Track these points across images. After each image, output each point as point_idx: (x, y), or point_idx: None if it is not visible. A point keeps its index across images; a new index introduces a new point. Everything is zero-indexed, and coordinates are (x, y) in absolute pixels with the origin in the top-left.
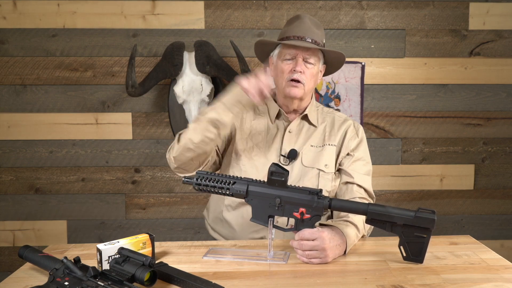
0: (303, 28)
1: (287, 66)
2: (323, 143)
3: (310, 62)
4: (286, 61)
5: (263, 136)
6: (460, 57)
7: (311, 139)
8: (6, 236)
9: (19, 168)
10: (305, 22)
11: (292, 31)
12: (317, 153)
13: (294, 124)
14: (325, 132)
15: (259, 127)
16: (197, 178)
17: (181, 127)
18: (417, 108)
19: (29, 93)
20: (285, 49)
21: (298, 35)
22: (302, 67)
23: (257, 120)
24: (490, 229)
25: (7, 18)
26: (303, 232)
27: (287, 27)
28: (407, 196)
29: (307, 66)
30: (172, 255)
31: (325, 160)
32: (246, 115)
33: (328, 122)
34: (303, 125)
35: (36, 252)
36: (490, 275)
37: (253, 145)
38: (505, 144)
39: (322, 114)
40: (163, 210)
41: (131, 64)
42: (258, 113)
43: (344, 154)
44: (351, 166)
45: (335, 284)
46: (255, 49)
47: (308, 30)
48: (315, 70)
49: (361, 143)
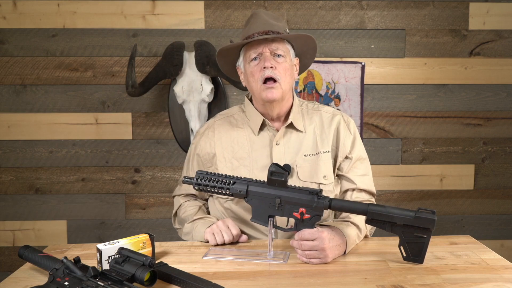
0: (261, 23)
1: (256, 67)
2: (316, 151)
3: (279, 54)
4: (253, 62)
5: (247, 153)
6: (460, 57)
7: (303, 148)
8: (6, 236)
9: (19, 168)
10: (261, 17)
11: (249, 30)
12: (313, 164)
13: (280, 135)
14: (315, 136)
15: (241, 140)
16: (197, 178)
17: (181, 127)
18: (417, 108)
19: (29, 93)
20: (249, 50)
21: (258, 31)
22: (271, 62)
23: (236, 133)
24: (490, 229)
25: (7, 18)
26: (303, 232)
27: (245, 28)
28: (407, 196)
29: (277, 60)
30: (172, 255)
31: (322, 171)
32: (222, 135)
33: (316, 122)
34: (291, 134)
35: (36, 252)
36: (490, 275)
37: (239, 165)
38: (505, 144)
39: (308, 114)
40: (163, 210)
41: (131, 64)
42: (235, 124)
43: (342, 157)
44: (350, 171)
45: (335, 284)
46: (219, 63)
47: (266, 23)
48: (288, 63)
49: (355, 140)
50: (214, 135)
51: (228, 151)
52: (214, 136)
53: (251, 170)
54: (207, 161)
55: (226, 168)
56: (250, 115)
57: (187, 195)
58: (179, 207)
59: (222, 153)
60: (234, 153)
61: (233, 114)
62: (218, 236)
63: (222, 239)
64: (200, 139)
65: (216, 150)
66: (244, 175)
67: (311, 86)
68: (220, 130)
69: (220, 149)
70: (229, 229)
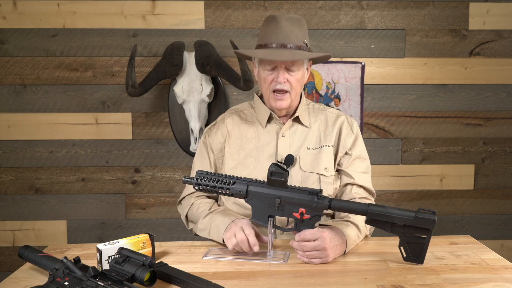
0: (281, 34)
1: (269, 77)
2: (319, 145)
3: (293, 70)
4: (268, 72)
5: (254, 144)
6: (460, 57)
7: (307, 141)
8: (6, 236)
9: (19, 168)
10: (282, 25)
11: (269, 38)
12: (315, 156)
13: (286, 127)
14: (319, 132)
15: (249, 134)
16: (197, 178)
17: (181, 127)
18: (417, 108)
19: (29, 93)
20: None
21: (277, 43)
22: (285, 76)
23: (245, 126)
24: (490, 229)
25: (7, 18)
26: (304, 233)
27: (264, 31)
28: (407, 196)
29: (291, 74)
30: (172, 255)
31: (324, 163)
32: (232, 127)
33: (321, 120)
34: (296, 128)
35: (36, 252)
36: (490, 275)
37: (245, 155)
38: (505, 144)
39: (314, 112)
40: (163, 210)
41: (131, 64)
42: (245, 118)
43: (342, 153)
44: (350, 166)
45: (335, 284)
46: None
47: (287, 35)
48: (300, 74)
49: (357, 140)
50: (225, 126)
51: (236, 142)
52: (225, 127)
53: (257, 160)
54: (219, 151)
55: (233, 158)
56: (258, 109)
57: (198, 194)
58: (190, 206)
59: (230, 143)
60: (242, 144)
61: (243, 110)
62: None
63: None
64: (211, 131)
65: (226, 140)
66: (250, 165)
67: (311, 86)
68: (230, 122)
69: (229, 139)
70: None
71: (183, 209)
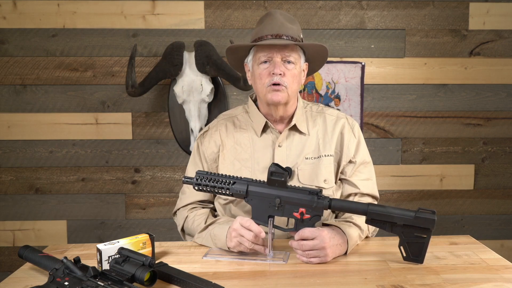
0: (275, 25)
1: (265, 71)
2: (318, 154)
3: (290, 61)
4: (263, 65)
5: (249, 154)
6: (460, 57)
7: (305, 150)
8: (6, 236)
9: (19, 168)
10: (277, 18)
11: (264, 30)
12: (314, 167)
13: (283, 137)
14: (318, 140)
15: (244, 142)
16: (197, 178)
17: (181, 127)
18: (417, 108)
19: (29, 93)
20: (260, 51)
21: (272, 33)
22: (281, 68)
23: (239, 134)
24: (490, 229)
25: (7, 18)
26: (303, 231)
27: (258, 27)
28: (407, 196)
29: (287, 67)
30: (172, 255)
31: (323, 174)
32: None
33: (320, 125)
34: (293, 137)
35: (36, 252)
36: (490, 275)
37: (240, 167)
38: (505, 144)
39: (312, 116)
40: (163, 210)
41: (131, 64)
42: (239, 125)
43: (346, 162)
44: (354, 175)
45: (335, 284)
46: (227, 57)
47: (282, 26)
48: (297, 70)
49: (359, 143)
50: (218, 134)
51: (230, 152)
52: (219, 135)
53: (252, 172)
54: (213, 161)
55: (227, 169)
56: (253, 116)
57: (192, 206)
58: (185, 219)
59: (225, 154)
60: (236, 154)
61: (236, 115)
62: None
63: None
64: (204, 139)
65: (220, 150)
66: (245, 176)
67: (311, 86)
68: (224, 131)
69: (223, 149)
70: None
71: (178, 221)
